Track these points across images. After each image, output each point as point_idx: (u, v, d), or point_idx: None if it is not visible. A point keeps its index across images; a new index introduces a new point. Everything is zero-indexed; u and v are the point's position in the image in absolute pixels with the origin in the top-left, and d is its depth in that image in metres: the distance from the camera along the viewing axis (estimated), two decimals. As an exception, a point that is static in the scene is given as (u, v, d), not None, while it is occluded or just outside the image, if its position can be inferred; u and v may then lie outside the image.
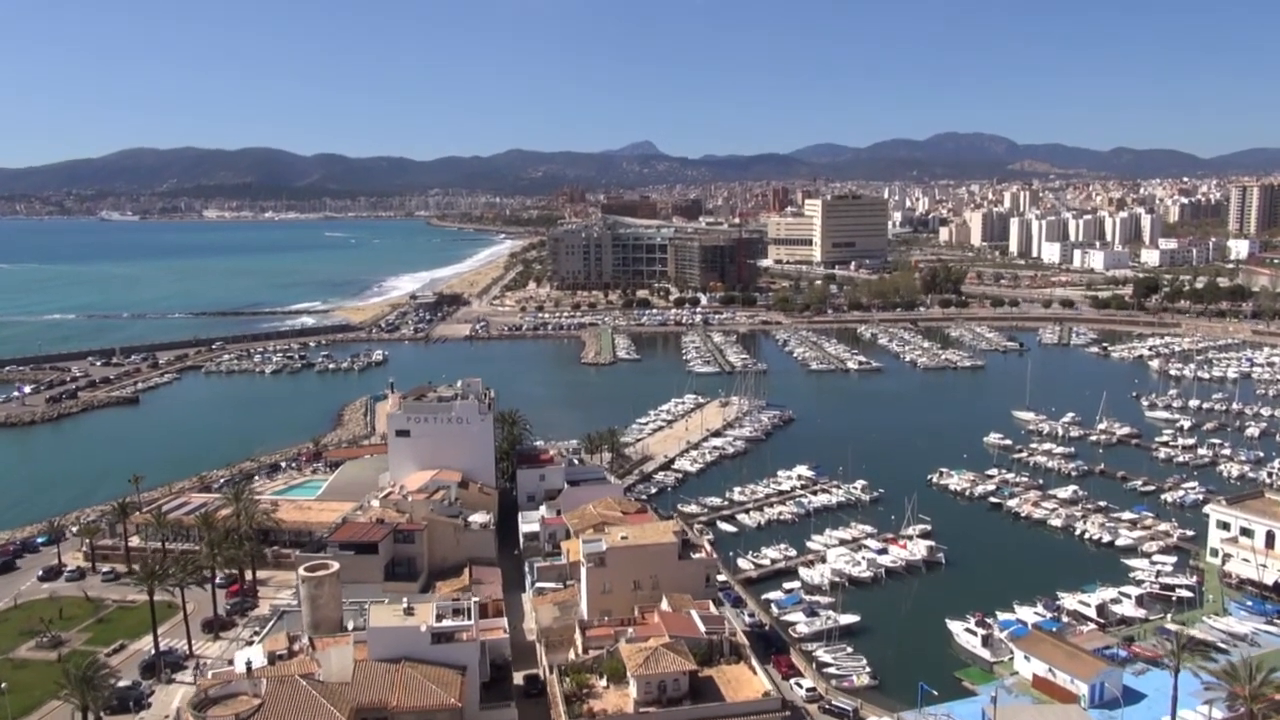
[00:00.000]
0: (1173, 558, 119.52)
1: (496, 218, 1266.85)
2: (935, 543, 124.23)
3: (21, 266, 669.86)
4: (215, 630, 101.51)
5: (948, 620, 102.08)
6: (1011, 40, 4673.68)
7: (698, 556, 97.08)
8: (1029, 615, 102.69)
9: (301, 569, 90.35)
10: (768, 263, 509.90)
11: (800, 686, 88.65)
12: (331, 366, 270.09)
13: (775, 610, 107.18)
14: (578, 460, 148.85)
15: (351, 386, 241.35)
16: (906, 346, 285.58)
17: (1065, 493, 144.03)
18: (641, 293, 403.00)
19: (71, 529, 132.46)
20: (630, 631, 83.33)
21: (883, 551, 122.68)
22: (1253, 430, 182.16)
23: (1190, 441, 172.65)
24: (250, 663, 74.04)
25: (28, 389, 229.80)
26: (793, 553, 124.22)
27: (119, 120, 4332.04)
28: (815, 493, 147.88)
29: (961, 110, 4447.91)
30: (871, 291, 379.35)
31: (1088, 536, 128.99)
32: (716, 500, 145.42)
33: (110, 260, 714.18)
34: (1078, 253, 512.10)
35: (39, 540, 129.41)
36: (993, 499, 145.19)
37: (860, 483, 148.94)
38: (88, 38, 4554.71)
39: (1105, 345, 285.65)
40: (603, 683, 79.29)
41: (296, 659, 77.38)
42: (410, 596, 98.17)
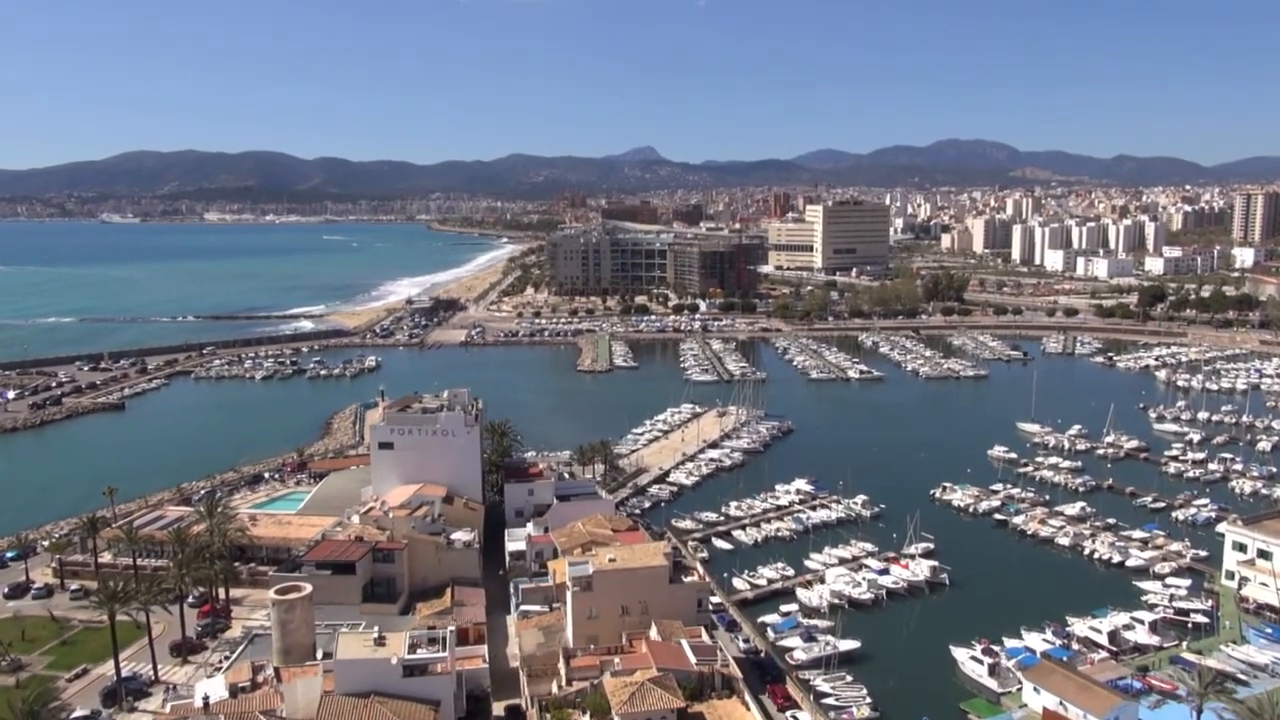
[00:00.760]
0: (1186, 580, 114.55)
1: (498, 222, 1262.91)
2: (938, 562, 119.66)
3: (21, 269, 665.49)
4: (184, 654, 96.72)
5: (952, 647, 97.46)
6: (1013, 47, 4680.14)
7: (690, 580, 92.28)
8: (1038, 642, 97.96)
9: (272, 592, 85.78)
10: (768, 269, 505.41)
11: (797, 719, 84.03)
12: (323, 373, 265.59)
13: (771, 635, 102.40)
14: (568, 474, 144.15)
15: (343, 393, 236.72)
16: (908, 355, 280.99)
17: (1073, 509, 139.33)
18: (640, 299, 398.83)
19: (42, 543, 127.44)
20: (616, 662, 78.54)
21: (884, 572, 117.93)
22: (1264, 444, 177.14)
23: (1200, 456, 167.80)
24: (208, 697, 69.45)
25: (11, 394, 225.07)
26: (790, 572, 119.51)
27: (121, 122, 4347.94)
28: (814, 508, 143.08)
29: (963, 117, 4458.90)
30: (873, 299, 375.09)
31: (1097, 556, 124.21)
32: (712, 515, 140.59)
33: (109, 263, 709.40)
34: (1081, 260, 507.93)
35: (8, 555, 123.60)
36: (998, 515, 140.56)
37: (861, 497, 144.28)
38: (90, 39, 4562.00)
39: (1110, 355, 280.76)
40: (585, 719, 74.56)
41: (259, 692, 72.95)
42: (388, 620, 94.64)
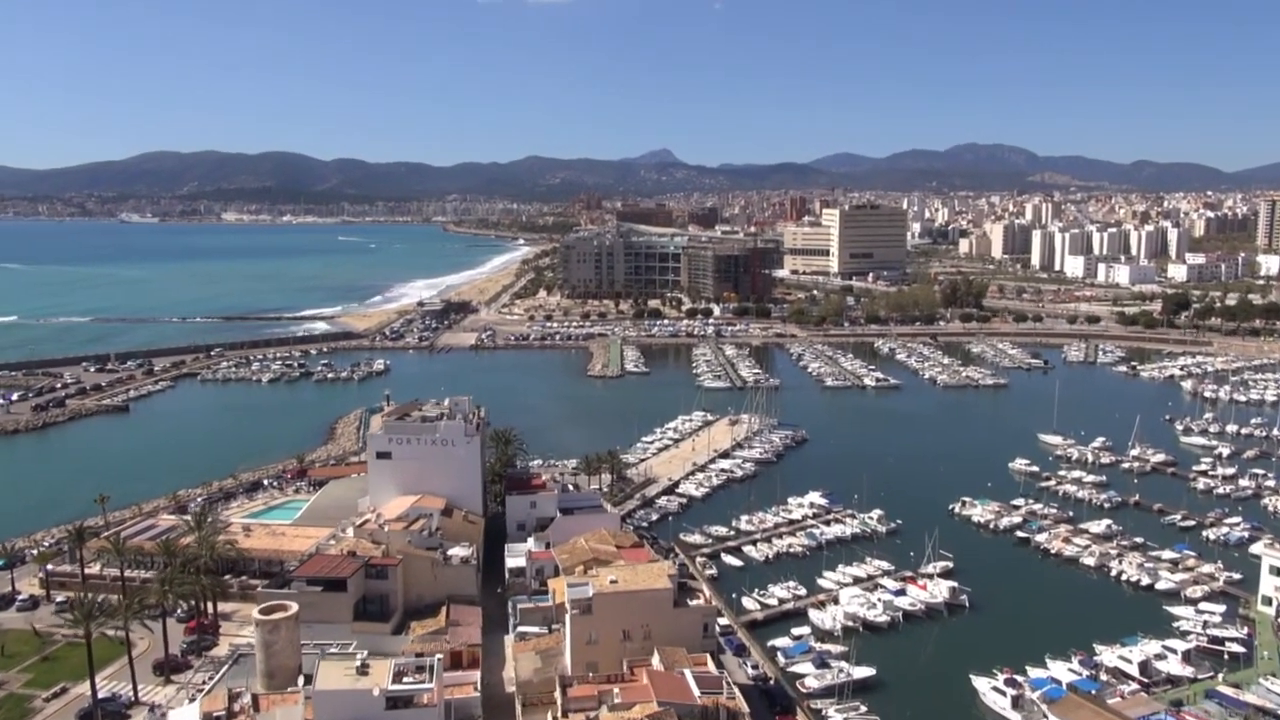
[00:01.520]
0: (1220, 606, 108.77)
1: (513, 224, 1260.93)
2: (958, 583, 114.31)
3: (39, 268, 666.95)
4: (166, 672, 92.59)
5: (972, 676, 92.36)
6: (1032, 51, 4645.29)
7: (695, 604, 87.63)
8: (1063, 672, 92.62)
9: (256, 611, 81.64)
10: (783, 273, 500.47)
11: (807, 755, 79.33)
12: (330, 376, 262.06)
13: (782, 660, 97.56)
14: (574, 484, 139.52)
15: (349, 397, 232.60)
16: (926, 362, 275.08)
17: (1098, 527, 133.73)
18: (653, 302, 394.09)
19: (31, 552, 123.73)
20: (615, 693, 73.90)
21: (900, 592, 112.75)
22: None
23: (1230, 471, 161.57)
24: (179, 729, 65.31)
25: (14, 396, 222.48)
26: (802, 591, 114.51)
27: (141, 123, 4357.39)
28: (828, 523, 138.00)
29: (981, 121, 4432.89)
30: (890, 304, 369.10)
31: (1125, 578, 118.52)
32: (722, 529, 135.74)
33: (126, 263, 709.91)
34: (1102, 267, 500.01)
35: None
36: (1020, 533, 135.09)
37: (876, 512, 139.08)
38: (114, 39, 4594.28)
39: (1134, 364, 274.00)
40: (581, 756, 70.02)
41: (235, 722, 68.64)
42: (380, 640, 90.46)
